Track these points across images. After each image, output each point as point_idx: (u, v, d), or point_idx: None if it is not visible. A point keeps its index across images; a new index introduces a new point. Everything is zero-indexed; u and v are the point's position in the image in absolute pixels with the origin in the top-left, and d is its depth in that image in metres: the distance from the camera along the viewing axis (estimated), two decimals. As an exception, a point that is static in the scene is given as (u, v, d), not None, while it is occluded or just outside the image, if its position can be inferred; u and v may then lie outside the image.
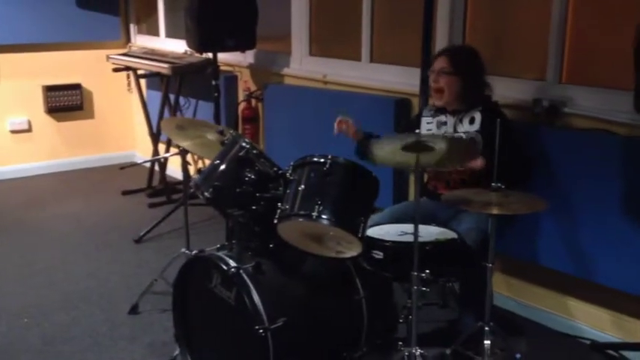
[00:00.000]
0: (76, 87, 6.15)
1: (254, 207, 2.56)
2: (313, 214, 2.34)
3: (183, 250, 3.41)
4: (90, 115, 6.32)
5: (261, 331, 2.34)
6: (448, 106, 3.09)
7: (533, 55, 3.39)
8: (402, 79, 3.86)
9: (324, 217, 2.34)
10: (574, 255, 3.07)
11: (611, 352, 3.03)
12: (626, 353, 2.99)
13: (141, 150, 6.40)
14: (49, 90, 6.02)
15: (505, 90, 3.28)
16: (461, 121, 3.05)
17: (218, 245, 3.09)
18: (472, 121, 3.03)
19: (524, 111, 3.25)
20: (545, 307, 3.36)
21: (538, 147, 3.11)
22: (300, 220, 2.38)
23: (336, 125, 3.10)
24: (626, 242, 2.86)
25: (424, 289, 2.52)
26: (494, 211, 2.45)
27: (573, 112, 3.11)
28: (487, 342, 2.61)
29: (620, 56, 2.83)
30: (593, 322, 3.18)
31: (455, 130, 3.06)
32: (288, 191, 2.47)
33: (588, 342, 3.13)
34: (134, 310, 3.47)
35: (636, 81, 2.43)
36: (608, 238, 2.92)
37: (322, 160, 2.45)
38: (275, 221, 2.45)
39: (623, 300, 3.01)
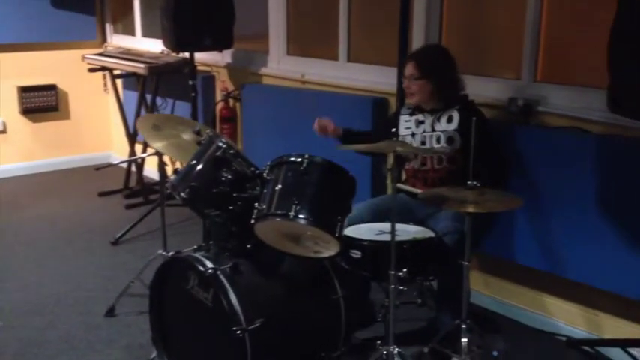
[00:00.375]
0: (52, 87, 6.09)
1: (231, 207, 2.55)
2: (290, 213, 2.33)
3: (160, 251, 3.39)
4: (66, 115, 6.26)
5: (238, 332, 2.33)
6: (425, 105, 3.11)
7: (509, 54, 3.41)
8: (380, 79, 3.87)
9: (301, 216, 2.33)
10: (549, 252, 3.09)
11: (586, 348, 3.06)
12: (601, 349, 3.02)
13: (117, 151, 6.35)
14: (24, 91, 5.95)
15: (481, 89, 3.30)
16: (439, 119, 3.07)
17: (195, 246, 3.08)
18: (450, 119, 3.05)
19: (500, 110, 3.27)
20: (521, 305, 3.38)
21: (513, 145, 3.13)
22: (278, 219, 2.37)
23: (316, 124, 3.23)
24: (600, 239, 2.89)
25: (402, 287, 2.53)
26: (471, 210, 2.47)
27: (548, 110, 3.14)
28: (464, 339, 2.62)
29: (594, 55, 2.85)
30: (568, 318, 3.21)
31: (433, 129, 3.07)
32: (265, 191, 2.47)
33: (564, 338, 3.16)
34: (111, 312, 3.44)
35: (610, 80, 2.45)
36: (582, 235, 2.95)
37: (299, 159, 2.44)
38: (252, 221, 2.44)
39: (597, 297, 3.04)
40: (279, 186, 2.42)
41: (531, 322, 3.33)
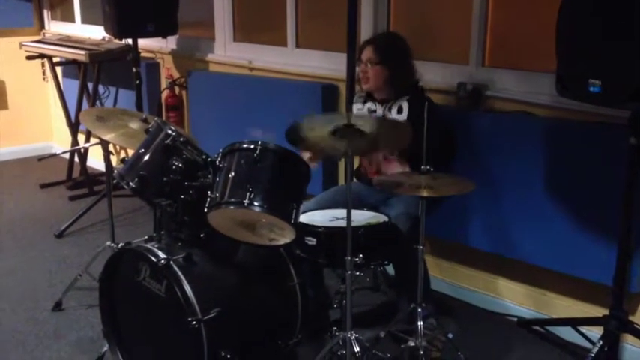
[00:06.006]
0: (-12, 76, 5.88)
1: (183, 196, 2.50)
2: (245, 201, 2.30)
3: (108, 243, 3.31)
4: (4, 105, 6.06)
5: (194, 322, 2.29)
6: (376, 94, 3.09)
7: (457, 39, 3.43)
8: (329, 65, 3.86)
9: (256, 204, 2.30)
10: (500, 235, 3.14)
11: (537, 327, 3.13)
12: (551, 328, 3.09)
13: (59, 141, 6.19)
14: (-41, 80, 5.73)
15: (430, 75, 3.30)
16: (389, 109, 3.06)
17: (146, 237, 3.01)
18: (400, 110, 3.03)
19: (450, 95, 3.29)
20: (474, 287, 3.43)
21: (464, 130, 3.16)
22: (232, 208, 2.34)
23: None
24: (548, 221, 2.94)
25: (357, 273, 2.52)
26: (424, 194, 2.48)
27: (496, 94, 3.18)
28: (420, 323, 2.64)
29: (540, 39, 2.90)
30: (519, 299, 3.27)
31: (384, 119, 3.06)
32: (217, 179, 2.42)
33: (515, 319, 3.22)
34: (58, 306, 3.35)
35: (558, 64, 2.49)
36: (531, 217, 3.00)
37: (252, 146, 2.40)
38: (205, 210, 2.39)
39: (547, 277, 3.10)
40: (233, 173, 2.38)
41: (484, 304, 3.38)
